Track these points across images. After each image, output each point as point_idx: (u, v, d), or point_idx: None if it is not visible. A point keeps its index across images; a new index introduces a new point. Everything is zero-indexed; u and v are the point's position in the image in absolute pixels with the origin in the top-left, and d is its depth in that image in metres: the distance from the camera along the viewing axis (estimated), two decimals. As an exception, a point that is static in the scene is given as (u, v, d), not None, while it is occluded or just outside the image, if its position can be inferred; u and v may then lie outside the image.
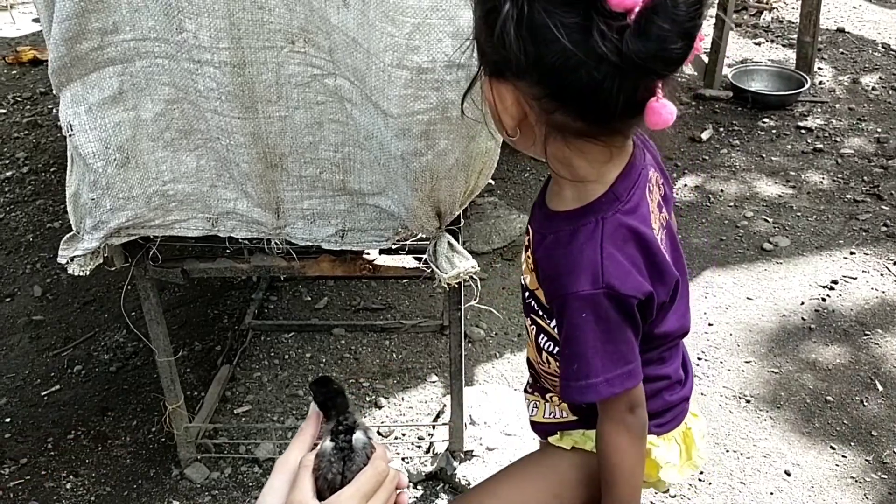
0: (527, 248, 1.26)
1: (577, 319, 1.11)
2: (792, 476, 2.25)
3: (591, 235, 1.11)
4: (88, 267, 1.76)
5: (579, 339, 1.12)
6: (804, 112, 4.35)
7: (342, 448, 0.99)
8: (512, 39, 0.95)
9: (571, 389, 1.16)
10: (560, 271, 1.13)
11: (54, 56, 1.54)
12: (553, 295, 1.16)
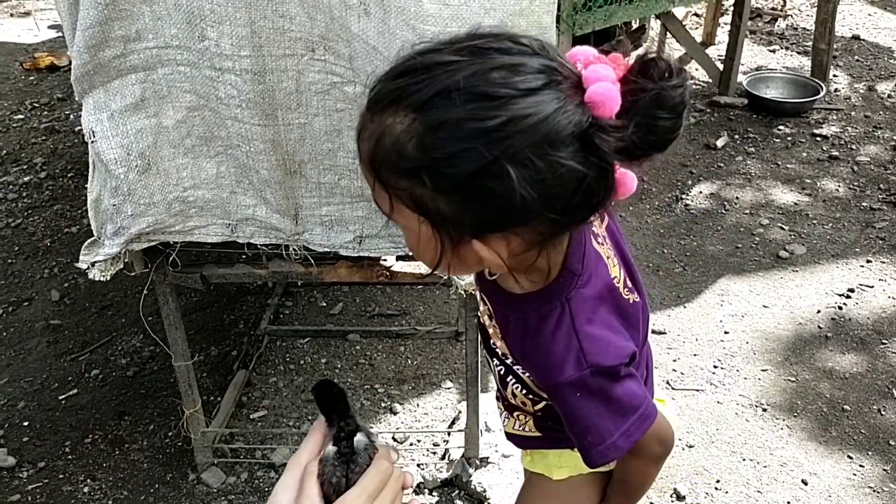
0: (490, 315, 1.19)
1: (572, 402, 1.08)
2: (809, 485, 2.24)
3: (559, 321, 1.06)
4: (109, 272, 1.77)
5: (581, 415, 1.10)
6: (819, 119, 4.33)
7: (344, 452, 1.00)
8: (528, 194, 0.84)
9: (593, 456, 1.12)
10: (540, 365, 1.09)
11: (77, 63, 1.55)
12: (539, 381, 1.14)
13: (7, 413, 2.54)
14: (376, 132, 0.89)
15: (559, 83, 0.86)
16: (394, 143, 0.87)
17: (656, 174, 3.86)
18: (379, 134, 0.88)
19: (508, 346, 1.16)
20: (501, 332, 1.16)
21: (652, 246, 3.33)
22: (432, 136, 0.85)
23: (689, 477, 2.27)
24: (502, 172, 0.83)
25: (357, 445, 0.99)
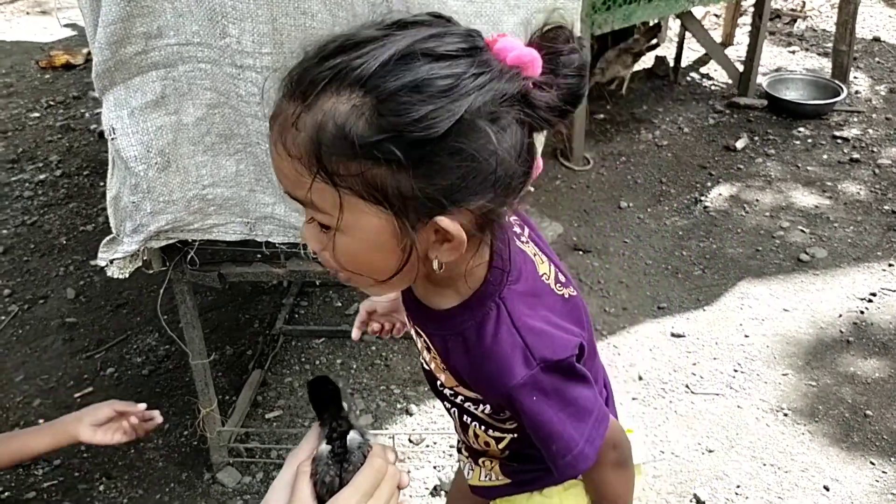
0: (427, 348, 1.11)
1: (529, 405, 1.02)
2: (831, 491, 2.20)
3: (498, 322, 1.01)
4: (128, 269, 1.76)
5: (542, 421, 1.04)
6: (840, 122, 4.29)
7: (338, 451, 0.98)
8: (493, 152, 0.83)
9: (562, 468, 1.07)
10: (488, 374, 1.02)
11: (99, 60, 1.54)
12: (492, 395, 1.07)
13: (23, 411, 2.53)
14: (314, 121, 0.82)
15: (485, 49, 0.86)
16: (341, 126, 0.81)
17: (675, 176, 3.83)
18: (319, 121, 0.82)
19: (455, 371, 1.07)
20: (443, 359, 1.07)
21: (671, 248, 3.30)
22: (392, 104, 0.80)
23: (709, 482, 2.24)
24: (473, 129, 0.82)
25: (350, 444, 0.97)
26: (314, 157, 0.83)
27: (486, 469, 1.33)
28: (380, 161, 0.82)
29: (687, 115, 4.41)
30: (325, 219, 0.88)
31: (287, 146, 0.85)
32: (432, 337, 1.08)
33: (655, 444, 2.37)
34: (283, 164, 0.86)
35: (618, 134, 4.26)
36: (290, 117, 0.84)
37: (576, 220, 3.50)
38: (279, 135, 0.86)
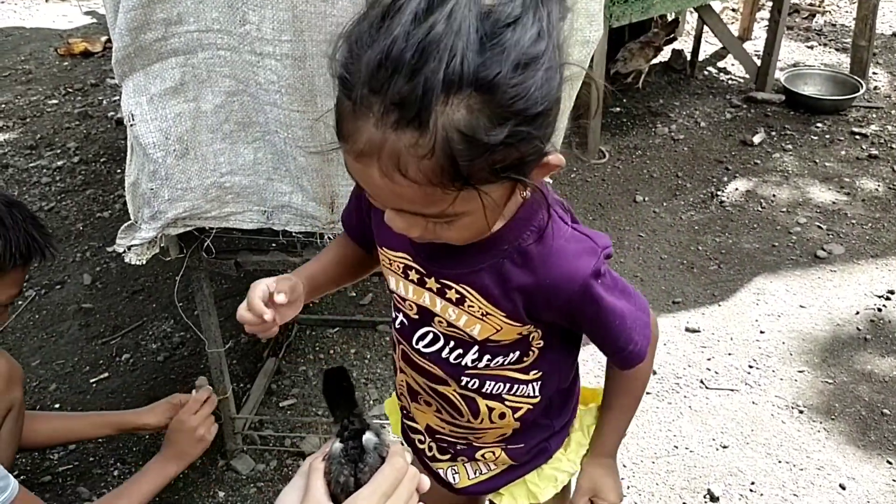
0: (459, 300, 1.10)
1: (600, 294, 1.06)
2: (847, 490, 2.19)
3: (557, 226, 1.05)
4: (145, 256, 1.76)
5: (613, 310, 1.08)
6: (859, 117, 4.25)
7: (352, 450, 0.96)
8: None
9: (631, 356, 1.15)
10: (560, 274, 1.04)
11: (118, 46, 1.54)
12: (562, 299, 1.06)
13: (39, 395, 2.55)
14: (440, 139, 0.78)
15: None
16: (468, 133, 0.78)
17: (691, 170, 3.81)
18: (444, 138, 0.78)
19: (510, 299, 1.07)
20: (489, 295, 1.07)
21: (686, 243, 3.28)
22: (505, 90, 0.78)
23: (723, 478, 2.23)
24: (561, 78, 0.84)
25: (366, 444, 0.95)
26: (450, 174, 0.81)
27: (483, 462, 1.32)
28: (511, 144, 0.81)
29: (704, 110, 4.38)
30: (442, 217, 0.89)
31: (410, 175, 0.81)
32: (475, 276, 1.07)
33: (669, 440, 2.36)
34: (407, 191, 0.83)
35: (634, 127, 4.23)
36: (407, 148, 0.79)
37: (591, 214, 3.49)
38: (392, 167, 0.81)
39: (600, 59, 3.73)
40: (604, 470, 1.32)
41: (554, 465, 1.34)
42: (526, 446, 1.30)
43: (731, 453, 2.31)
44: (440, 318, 1.13)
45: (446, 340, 1.16)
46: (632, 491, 2.20)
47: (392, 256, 1.15)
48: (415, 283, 1.13)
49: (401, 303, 1.19)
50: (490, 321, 1.09)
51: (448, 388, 1.21)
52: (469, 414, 1.23)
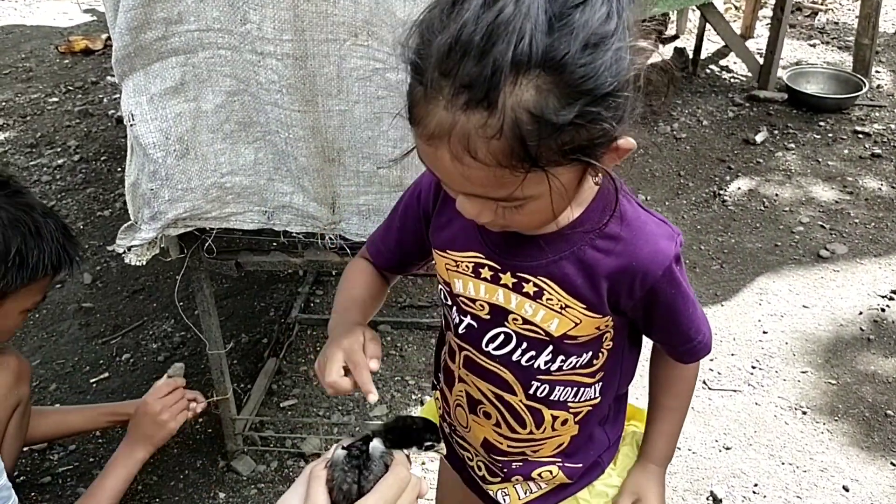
0: (536, 294, 1.09)
1: (679, 280, 1.08)
2: (850, 492, 2.18)
3: (634, 209, 1.06)
4: (145, 257, 1.75)
5: (686, 299, 1.11)
6: (861, 116, 4.23)
7: (356, 456, 0.95)
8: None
9: (696, 350, 1.18)
10: (646, 256, 1.04)
11: (118, 45, 1.53)
12: (647, 282, 1.06)
13: (39, 395, 2.54)
14: (509, 120, 0.79)
15: None
16: (537, 113, 0.79)
17: (693, 169, 3.79)
18: (514, 119, 0.79)
19: (594, 286, 1.06)
20: (569, 285, 1.06)
21: (689, 242, 3.27)
22: (574, 70, 0.79)
23: (726, 479, 2.22)
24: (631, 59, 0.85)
25: (373, 452, 0.95)
26: (520, 155, 0.82)
27: (538, 481, 1.29)
28: (580, 125, 0.82)
29: (706, 108, 4.37)
30: (512, 201, 0.89)
31: (480, 157, 0.82)
32: (555, 266, 1.06)
33: (672, 440, 2.35)
34: (476, 173, 0.84)
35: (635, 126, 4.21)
36: (477, 129, 0.80)
37: (593, 213, 3.47)
38: (461, 149, 0.82)
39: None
40: (650, 476, 1.30)
41: (605, 482, 1.32)
42: (584, 465, 1.28)
43: (734, 455, 2.30)
44: (515, 315, 1.11)
45: (519, 341, 1.14)
46: (634, 492, 2.19)
47: (458, 257, 1.14)
48: (488, 280, 1.12)
49: (469, 304, 1.16)
50: (568, 314, 1.09)
51: (515, 397, 1.19)
52: (532, 425, 1.21)
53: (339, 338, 1.10)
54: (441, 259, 1.17)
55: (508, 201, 0.89)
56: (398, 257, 1.31)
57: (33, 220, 1.65)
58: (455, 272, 1.15)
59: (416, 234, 1.24)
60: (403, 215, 1.26)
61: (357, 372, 1.03)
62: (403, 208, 1.26)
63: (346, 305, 1.25)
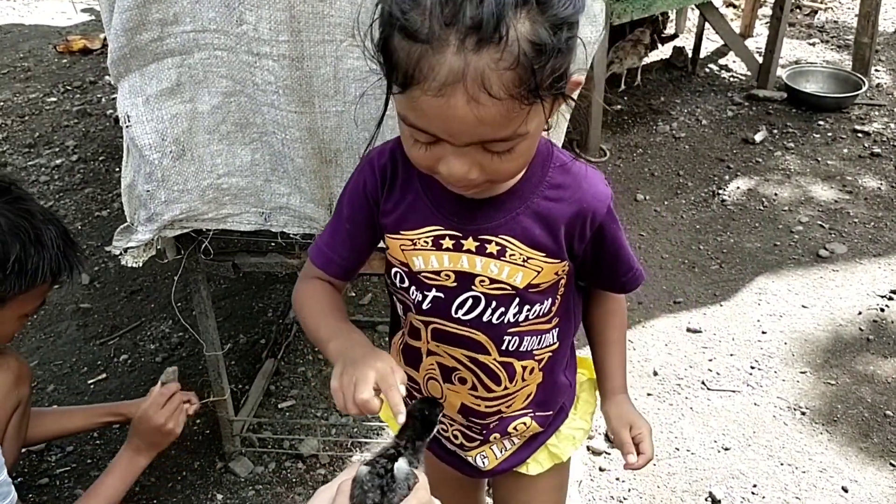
0: (499, 253, 1.15)
1: (616, 216, 1.20)
2: (850, 493, 2.17)
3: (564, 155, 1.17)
4: (142, 258, 1.75)
5: (622, 237, 1.23)
6: (861, 115, 4.23)
7: (380, 475, 0.94)
8: None
9: (634, 280, 1.28)
10: (592, 194, 1.15)
11: (114, 46, 1.52)
12: (597, 221, 1.17)
13: (37, 396, 2.53)
14: (514, 53, 0.87)
15: None
16: (535, 42, 0.88)
17: (692, 168, 3.79)
18: (518, 50, 0.87)
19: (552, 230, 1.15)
20: (529, 237, 1.15)
21: (688, 242, 3.26)
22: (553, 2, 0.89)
23: (725, 480, 2.22)
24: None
25: (398, 473, 0.94)
26: (528, 84, 0.89)
27: (512, 436, 1.35)
28: (561, 52, 0.90)
29: (705, 107, 4.36)
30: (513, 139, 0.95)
31: (495, 92, 0.88)
32: (514, 223, 1.14)
33: (671, 441, 2.34)
34: (490, 111, 0.89)
35: (635, 125, 4.21)
36: (491, 64, 0.86)
37: (592, 213, 3.46)
38: (478, 88, 0.87)
39: (601, 58, 3.71)
40: (625, 404, 1.40)
41: (570, 425, 1.42)
42: (553, 412, 1.37)
43: (732, 455, 2.30)
44: (482, 276, 1.17)
45: (488, 301, 1.19)
46: (633, 494, 2.19)
47: (414, 235, 1.18)
48: (451, 249, 1.16)
49: (433, 277, 1.19)
50: (531, 265, 1.16)
51: (489, 356, 1.24)
52: (506, 379, 1.27)
53: (367, 359, 1.07)
54: (395, 242, 1.20)
55: (510, 140, 0.95)
56: (352, 260, 1.29)
57: (33, 227, 1.64)
58: (413, 251, 1.18)
59: (367, 227, 1.25)
60: (351, 213, 1.25)
61: (391, 393, 1.03)
62: (349, 206, 1.25)
63: (339, 326, 1.21)
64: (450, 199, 1.14)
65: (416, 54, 0.88)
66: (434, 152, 0.99)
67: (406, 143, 1.03)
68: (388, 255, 1.23)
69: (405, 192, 1.18)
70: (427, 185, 1.15)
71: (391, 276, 1.25)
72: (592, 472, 2.25)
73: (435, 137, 0.96)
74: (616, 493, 2.19)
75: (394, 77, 0.94)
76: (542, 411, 1.35)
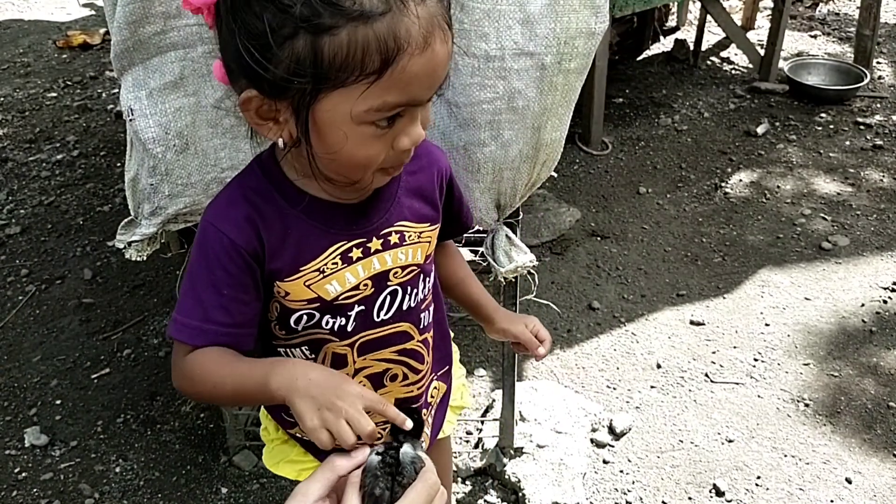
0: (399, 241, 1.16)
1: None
2: (853, 484, 2.18)
3: None
4: (146, 252, 1.74)
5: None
6: (863, 107, 4.22)
7: (389, 463, 0.95)
8: None
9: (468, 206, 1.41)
10: (435, 155, 1.24)
11: (117, 40, 1.52)
12: (448, 176, 1.26)
13: (40, 391, 2.54)
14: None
15: None
16: None
17: (695, 161, 3.79)
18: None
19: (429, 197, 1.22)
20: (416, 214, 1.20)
21: (690, 235, 3.26)
22: None
23: (729, 472, 2.22)
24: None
25: (403, 458, 0.94)
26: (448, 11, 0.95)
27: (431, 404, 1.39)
28: None
29: (707, 100, 4.35)
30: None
31: (448, 23, 0.94)
32: (398, 207, 1.16)
33: (674, 434, 2.35)
34: (449, 45, 0.94)
35: (637, 118, 4.21)
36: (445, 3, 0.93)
37: (594, 206, 3.47)
38: (445, 22, 0.93)
39: (604, 50, 3.70)
40: (509, 313, 1.50)
41: (456, 374, 1.50)
42: (448, 365, 1.43)
43: (736, 447, 2.30)
44: (394, 269, 1.17)
45: (403, 289, 1.20)
46: (637, 486, 2.19)
47: (318, 264, 1.10)
48: (361, 258, 1.13)
49: (352, 294, 1.13)
50: (423, 238, 1.20)
51: (412, 341, 1.24)
52: (427, 353, 1.29)
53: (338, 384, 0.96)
54: (297, 283, 1.10)
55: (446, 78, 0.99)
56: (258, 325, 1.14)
57: None
58: (323, 280, 1.11)
59: (256, 289, 1.10)
60: (233, 283, 1.07)
61: (386, 409, 0.97)
62: (226, 278, 1.06)
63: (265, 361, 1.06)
64: (338, 213, 1.10)
65: (384, 28, 0.87)
66: (394, 131, 0.96)
67: (357, 147, 0.96)
68: (287, 302, 1.12)
69: (285, 229, 1.07)
70: (307, 212, 1.08)
71: (290, 323, 1.14)
72: (596, 465, 2.25)
73: (399, 111, 0.94)
74: (620, 485, 2.19)
75: (358, 72, 0.88)
76: (442, 367, 1.40)
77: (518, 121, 1.54)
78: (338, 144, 0.95)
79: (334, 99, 0.91)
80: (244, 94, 0.97)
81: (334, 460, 0.95)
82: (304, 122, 0.94)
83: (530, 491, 2.11)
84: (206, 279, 1.06)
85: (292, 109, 0.95)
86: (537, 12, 1.44)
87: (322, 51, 0.87)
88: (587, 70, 1.58)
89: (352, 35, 0.86)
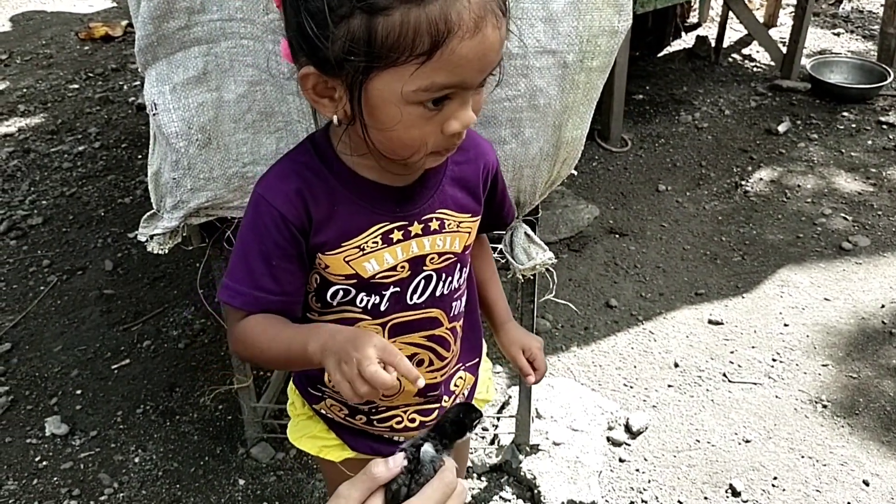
0: (439, 228, 1.19)
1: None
2: (871, 486, 2.16)
3: None
4: (167, 245, 1.76)
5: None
6: (886, 107, 4.18)
7: (409, 459, 0.97)
8: None
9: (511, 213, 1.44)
10: (484, 146, 1.27)
11: (141, 34, 1.53)
12: (495, 168, 1.29)
13: (61, 381, 2.57)
14: None
15: None
16: None
17: (715, 159, 3.76)
18: None
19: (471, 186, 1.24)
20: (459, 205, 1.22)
21: (710, 233, 3.25)
22: None
23: (746, 472, 2.21)
24: None
25: (423, 456, 0.96)
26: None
27: (454, 394, 1.39)
28: None
29: (728, 97, 4.33)
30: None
31: (502, 8, 0.95)
32: (442, 195, 1.19)
33: (691, 433, 2.34)
34: (503, 31, 0.97)
35: (656, 115, 4.19)
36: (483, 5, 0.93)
37: (612, 203, 3.46)
38: (498, 7, 0.94)
39: (625, 47, 3.69)
40: (515, 330, 1.47)
41: (483, 367, 1.51)
42: (478, 358, 1.45)
43: (753, 448, 2.29)
44: (432, 255, 1.20)
45: (438, 276, 1.22)
46: (653, 485, 2.19)
47: (360, 241, 1.15)
48: (401, 240, 1.17)
49: (389, 274, 1.18)
50: (463, 228, 1.23)
51: (441, 327, 1.27)
52: (453, 342, 1.31)
53: (357, 339, 0.98)
54: (337, 258, 1.15)
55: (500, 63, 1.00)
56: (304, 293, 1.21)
57: None
58: (362, 257, 1.15)
59: (301, 260, 1.16)
60: (282, 254, 1.13)
61: (399, 362, 0.97)
62: (275, 249, 1.13)
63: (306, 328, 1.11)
64: (384, 195, 1.14)
65: (436, 10, 0.90)
66: (444, 114, 0.99)
67: (407, 127, 0.99)
68: (326, 275, 1.17)
69: (333, 205, 1.12)
70: (355, 190, 1.12)
71: (326, 297, 1.19)
72: (612, 463, 2.25)
73: (448, 93, 0.97)
74: (636, 484, 2.19)
75: (409, 52, 0.91)
76: (471, 359, 1.41)
77: (539, 119, 1.55)
78: (389, 123, 0.99)
79: (385, 78, 0.95)
80: (303, 70, 1.01)
81: (373, 469, 0.96)
82: (358, 100, 0.98)
83: (545, 488, 2.12)
84: (256, 249, 1.13)
85: (346, 87, 0.98)
86: (560, 10, 1.44)
87: (376, 30, 0.91)
88: (609, 68, 1.57)
89: (404, 16, 0.90)
